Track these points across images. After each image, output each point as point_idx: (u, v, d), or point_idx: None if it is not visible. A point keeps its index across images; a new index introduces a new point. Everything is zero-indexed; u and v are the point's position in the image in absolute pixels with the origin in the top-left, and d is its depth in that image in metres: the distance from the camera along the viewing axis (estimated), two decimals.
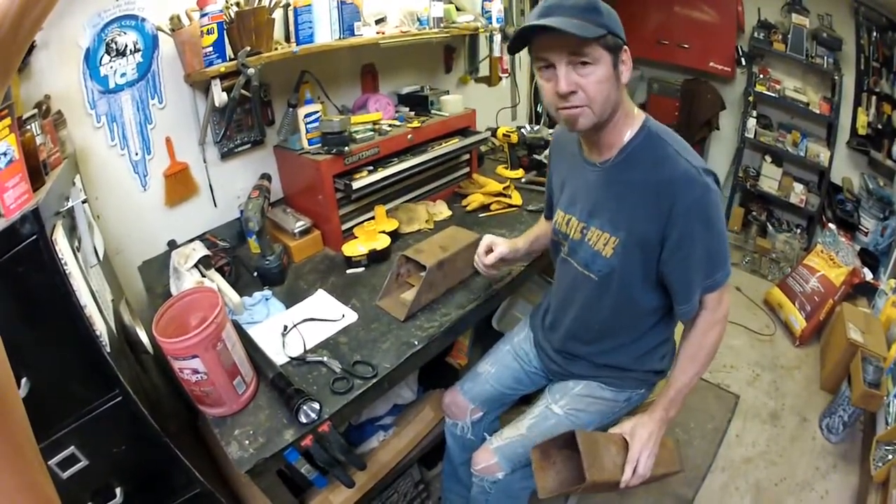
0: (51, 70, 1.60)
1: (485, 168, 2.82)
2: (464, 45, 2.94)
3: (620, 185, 1.31)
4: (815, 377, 2.92)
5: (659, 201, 1.23)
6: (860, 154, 3.67)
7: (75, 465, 1.20)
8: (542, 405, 1.60)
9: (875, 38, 3.39)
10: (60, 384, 1.14)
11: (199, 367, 1.24)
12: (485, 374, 1.77)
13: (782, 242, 4.03)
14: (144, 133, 1.86)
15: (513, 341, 1.81)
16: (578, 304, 1.51)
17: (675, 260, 1.27)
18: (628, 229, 1.30)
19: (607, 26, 1.14)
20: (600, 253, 1.37)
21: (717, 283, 1.29)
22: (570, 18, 1.11)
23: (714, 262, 1.27)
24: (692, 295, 1.31)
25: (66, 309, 1.10)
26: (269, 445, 1.25)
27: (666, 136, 1.28)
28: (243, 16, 1.74)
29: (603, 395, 1.56)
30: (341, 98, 2.39)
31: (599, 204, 1.37)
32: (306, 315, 1.69)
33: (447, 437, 1.88)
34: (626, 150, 1.29)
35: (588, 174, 1.39)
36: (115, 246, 1.87)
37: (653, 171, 1.25)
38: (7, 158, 1.06)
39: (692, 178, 1.20)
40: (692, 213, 1.21)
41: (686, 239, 1.23)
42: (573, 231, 1.45)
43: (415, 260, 1.72)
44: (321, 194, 1.99)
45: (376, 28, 2.19)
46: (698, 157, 1.25)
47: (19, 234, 1.02)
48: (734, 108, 4.18)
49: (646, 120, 1.31)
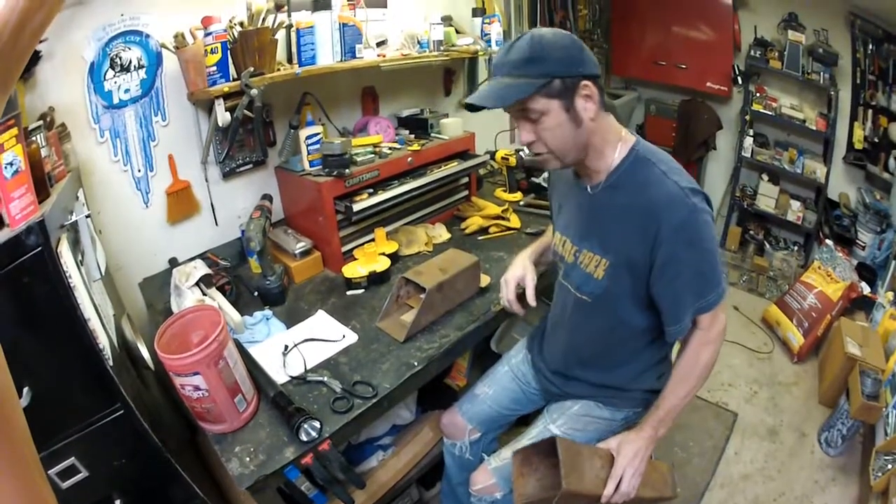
0: (55, 82, 1.61)
1: (483, 191, 2.84)
2: (463, 69, 2.97)
3: (609, 208, 1.31)
4: (814, 393, 2.93)
5: (645, 224, 1.22)
6: (857, 169, 3.71)
7: (75, 475, 1.21)
8: (541, 425, 1.60)
9: (871, 51, 3.44)
10: (63, 395, 1.15)
11: (201, 383, 1.25)
12: (482, 395, 1.77)
13: (779, 260, 4.04)
14: (147, 150, 1.88)
15: (511, 362, 1.81)
16: (573, 326, 1.52)
17: (662, 282, 1.27)
18: (616, 251, 1.30)
19: (549, 73, 1.14)
20: (592, 275, 1.37)
21: (709, 303, 1.28)
22: (507, 78, 1.17)
23: (705, 282, 1.26)
24: (682, 316, 1.30)
25: (69, 321, 1.11)
26: (270, 463, 1.26)
27: (654, 157, 1.27)
28: (247, 36, 1.76)
29: (601, 414, 1.56)
30: (342, 120, 2.42)
31: (590, 227, 1.38)
32: (307, 335, 1.71)
33: (446, 456, 1.88)
34: (613, 174, 1.29)
35: (580, 198, 1.40)
36: (117, 262, 1.88)
37: (639, 194, 1.24)
38: (13, 168, 1.06)
39: (678, 198, 1.19)
40: (678, 234, 1.20)
41: (672, 261, 1.22)
42: (567, 254, 1.46)
43: (414, 282, 1.73)
44: (322, 216, 2.00)
45: (377, 50, 2.22)
46: (687, 176, 1.25)
47: (24, 245, 1.03)
48: (731, 127, 4.22)
49: (635, 143, 1.30)
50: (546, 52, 1.14)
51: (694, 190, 1.21)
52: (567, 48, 1.16)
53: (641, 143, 1.31)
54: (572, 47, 1.17)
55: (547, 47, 1.14)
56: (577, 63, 1.17)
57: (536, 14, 3.49)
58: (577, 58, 1.17)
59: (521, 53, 1.15)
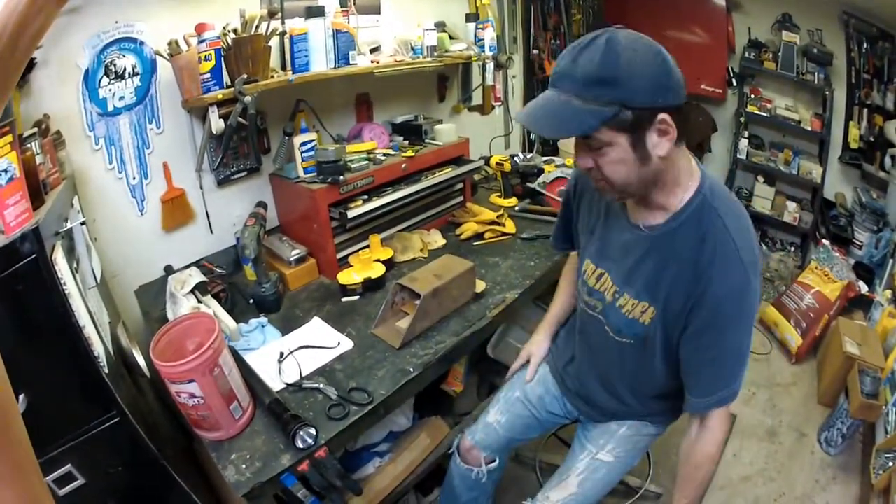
0: (50, 89, 1.62)
1: (478, 196, 2.84)
2: (457, 74, 2.99)
3: (664, 255, 1.16)
4: (812, 393, 2.92)
5: (696, 281, 1.10)
6: (852, 168, 3.73)
7: (72, 483, 1.20)
8: (587, 457, 1.50)
9: (866, 50, 3.46)
10: (58, 402, 1.15)
11: (196, 391, 1.24)
12: (495, 423, 1.68)
13: (776, 261, 4.04)
14: (142, 157, 1.88)
15: (524, 388, 1.70)
16: (611, 362, 1.43)
17: (689, 347, 1.18)
18: (665, 301, 1.17)
19: (624, 101, 0.95)
20: (637, 320, 1.24)
21: (721, 398, 1.17)
22: (570, 97, 0.98)
23: (729, 369, 1.16)
24: (694, 390, 1.21)
25: (65, 329, 1.11)
26: (266, 470, 1.25)
27: (719, 202, 1.12)
28: (240, 43, 1.77)
29: (649, 431, 1.51)
30: (336, 127, 2.43)
31: (637, 270, 1.23)
32: (302, 342, 1.70)
33: (453, 477, 1.77)
34: (677, 218, 1.14)
35: (627, 234, 1.24)
36: (112, 269, 1.88)
37: (697, 248, 1.10)
38: (8, 175, 1.06)
39: (734, 270, 1.07)
40: (725, 309, 1.09)
41: (709, 332, 1.13)
42: (607, 292, 1.32)
43: (410, 288, 1.73)
44: (316, 223, 2.00)
45: (371, 57, 2.23)
46: (751, 240, 1.11)
47: (19, 253, 1.03)
48: (726, 129, 4.23)
49: (701, 184, 1.14)
50: (625, 73, 0.94)
51: (753, 261, 1.09)
52: (653, 72, 0.96)
53: (707, 183, 1.14)
54: (660, 71, 0.96)
55: (627, 68, 0.94)
56: (662, 92, 0.97)
57: (531, 19, 3.50)
58: (662, 85, 0.97)
59: (592, 67, 0.95)
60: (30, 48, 0.55)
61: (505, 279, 2.02)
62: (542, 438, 2.28)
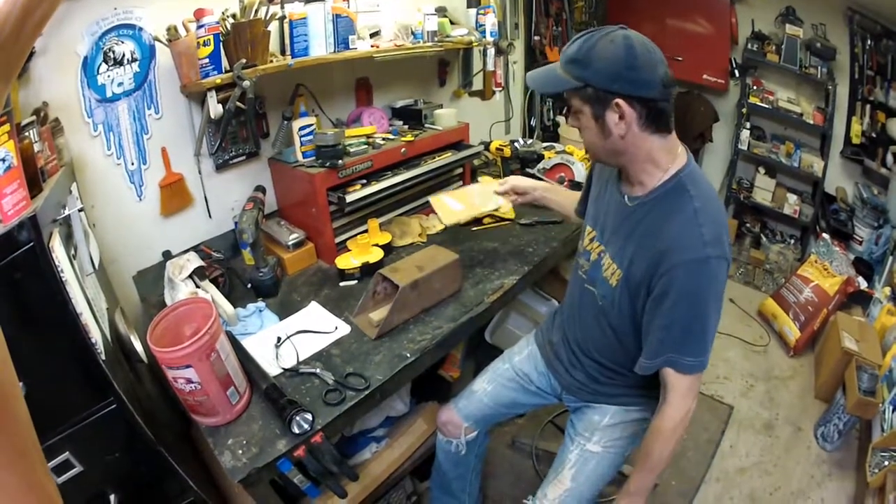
0: (49, 77, 1.60)
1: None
2: (457, 59, 2.97)
3: (637, 226, 1.28)
4: (810, 387, 2.94)
5: (658, 253, 1.20)
6: (854, 163, 3.72)
7: (70, 470, 1.20)
8: (576, 449, 1.55)
9: (869, 47, 3.44)
10: (55, 390, 1.15)
11: (193, 376, 1.24)
12: (481, 391, 1.74)
13: (776, 253, 4.05)
14: (140, 143, 1.87)
15: (512, 361, 1.77)
16: (587, 322, 1.50)
17: (648, 316, 1.26)
18: (629, 268, 1.28)
19: (585, 78, 1.16)
20: (608, 280, 1.36)
21: (684, 365, 1.23)
22: (557, 69, 1.23)
23: (690, 340, 1.22)
24: (651, 355, 1.28)
25: (62, 316, 1.11)
26: (263, 455, 1.26)
27: (694, 188, 1.22)
28: (239, 28, 1.75)
29: (633, 416, 1.53)
30: (335, 111, 2.42)
31: (617, 235, 1.35)
32: (299, 327, 1.70)
33: (438, 453, 1.85)
34: (653, 194, 1.26)
35: (618, 203, 1.36)
36: (111, 255, 1.87)
37: (663, 223, 1.22)
38: (5, 165, 1.06)
39: (693, 242, 1.16)
40: (679, 278, 1.17)
41: (665, 298, 1.20)
42: (593, 252, 1.44)
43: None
44: (315, 207, 2.00)
45: (371, 41, 2.21)
46: (717, 225, 1.19)
47: (16, 241, 1.03)
48: (727, 120, 4.21)
49: (682, 168, 1.25)
50: (590, 58, 1.15)
51: (716, 241, 1.16)
52: (614, 62, 1.12)
53: (690, 169, 1.25)
54: (623, 64, 1.12)
55: (593, 54, 1.14)
56: (619, 80, 1.13)
57: (532, 5, 3.47)
58: (620, 75, 1.13)
59: (573, 51, 1.18)
60: (33, 36, 0.55)
61: (503, 265, 2.02)
62: (524, 419, 2.35)
